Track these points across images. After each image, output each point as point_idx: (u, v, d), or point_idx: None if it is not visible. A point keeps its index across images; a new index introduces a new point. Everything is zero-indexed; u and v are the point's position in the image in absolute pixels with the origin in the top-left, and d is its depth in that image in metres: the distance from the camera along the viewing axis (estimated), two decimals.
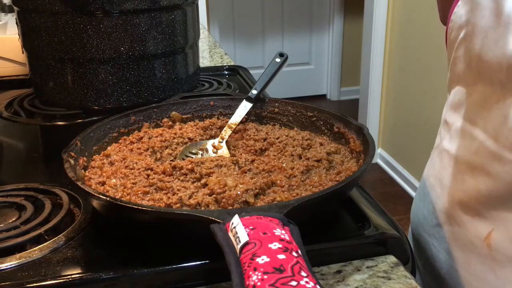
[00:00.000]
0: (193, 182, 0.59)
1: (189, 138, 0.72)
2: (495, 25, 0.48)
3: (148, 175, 0.60)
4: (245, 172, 0.61)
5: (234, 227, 0.41)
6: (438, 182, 0.62)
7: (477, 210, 0.53)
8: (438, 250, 0.61)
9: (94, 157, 0.65)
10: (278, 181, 0.58)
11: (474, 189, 0.53)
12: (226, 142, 0.71)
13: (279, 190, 0.57)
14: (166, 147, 0.70)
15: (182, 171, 0.60)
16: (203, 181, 0.58)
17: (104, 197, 0.50)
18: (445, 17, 0.62)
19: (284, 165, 0.62)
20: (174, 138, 0.72)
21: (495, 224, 0.51)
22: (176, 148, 0.70)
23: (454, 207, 0.57)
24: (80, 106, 0.92)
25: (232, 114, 0.74)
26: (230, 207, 0.53)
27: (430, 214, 0.63)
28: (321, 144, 0.69)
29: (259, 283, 0.34)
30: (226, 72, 1.23)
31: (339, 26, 3.65)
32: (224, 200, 0.54)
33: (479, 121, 0.52)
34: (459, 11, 0.54)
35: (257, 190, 0.55)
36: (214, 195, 0.55)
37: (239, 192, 0.54)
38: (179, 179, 0.59)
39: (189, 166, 0.61)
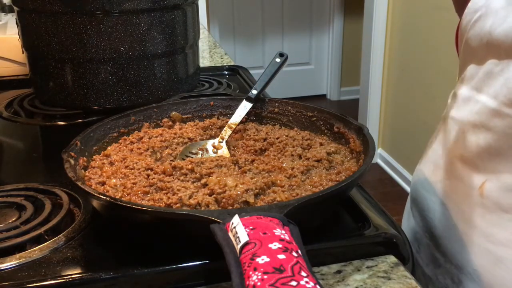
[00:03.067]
0: (193, 182, 0.59)
1: (189, 138, 0.72)
2: (505, 5, 0.56)
3: (148, 175, 0.60)
4: (245, 172, 0.61)
5: (234, 227, 0.41)
6: (441, 145, 0.68)
7: (475, 163, 0.59)
8: (434, 202, 0.68)
9: (94, 157, 0.65)
10: (278, 181, 0.58)
11: (474, 144, 0.59)
12: (226, 142, 0.71)
13: (279, 190, 0.57)
14: (166, 147, 0.70)
15: (182, 171, 0.60)
16: (203, 181, 0.58)
17: (104, 197, 0.50)
18: (460, 10, 0.67)
19: (284, 165, 0.62)
20: (174, 138, 0.72)
21: (488, 175, 0.58)
22: (176, 148, 0.70)
23: (454, 163, 0.63)
24: (80, 106, 0.92)
25: (232, 114, 0.74)
26: (230, 207, 0.53)
27: (430, 172, 0.70)
28: (321, 144, 0.69)
29: (259, 283, 0.34)
30: (226, 72, 1.23)
31: (339, 26, 3.65)
32: (224, 200, 0.54)
33: (484, 88, 0.59)
34: None
35: (257, 190, 0.55)
36: (214, 195, 0.55)
37: (239, 192, 0.54)
38: (179, 179, 0.59)
39: (189, 166, 0.61)
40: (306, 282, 0.35)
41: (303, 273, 0.36)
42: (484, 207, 0.58)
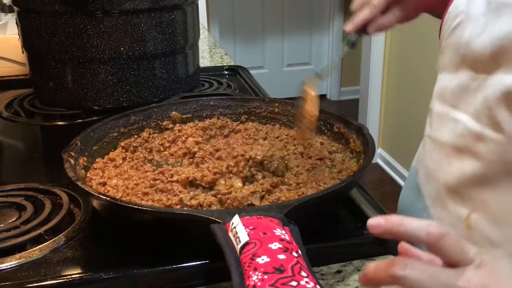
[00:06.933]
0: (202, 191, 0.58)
1: (190, 138, 0.72)
2: (486, 12, 0.50)
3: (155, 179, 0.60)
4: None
5: (234, 227, 0.41)
6: (422, 168, 0.62)
7: (459, 192, 0.53)
8: None
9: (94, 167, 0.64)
10: (286, 179, 0.58)
11: (459, 171, 0.53)
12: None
13: (284, 188, 0.57)
14: (167, 150, 0.70)
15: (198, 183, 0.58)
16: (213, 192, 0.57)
17: (104, 197, 0.50)
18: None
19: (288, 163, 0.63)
20: (174, 139, 0.72)
21: (475, 206, 0.52)
22: (176, 151, 0.70)
23: (439, 190, 0.57)
24: (80, 106, 0.92)
25: (232, 114, 0.74)
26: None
27: (415, 199, 0.64)
28: (321, 144, 0.69)
29: (259, 283, 0.34)
30: (226, 72, 1.23)
31: (339, 26, 3.64)
32: (228, 201, 0.54)
33: (461, 104, 0.53)
34: (457, 2, 0.56)
35: (263, 193, 0.55)
36: (219, 196, 0.54)
37: (245, 194, 0.54)
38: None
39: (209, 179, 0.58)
40: (306, 282, 0.35)
41: (303, 273, 0.36)
42: (472, 242, 0.52)
